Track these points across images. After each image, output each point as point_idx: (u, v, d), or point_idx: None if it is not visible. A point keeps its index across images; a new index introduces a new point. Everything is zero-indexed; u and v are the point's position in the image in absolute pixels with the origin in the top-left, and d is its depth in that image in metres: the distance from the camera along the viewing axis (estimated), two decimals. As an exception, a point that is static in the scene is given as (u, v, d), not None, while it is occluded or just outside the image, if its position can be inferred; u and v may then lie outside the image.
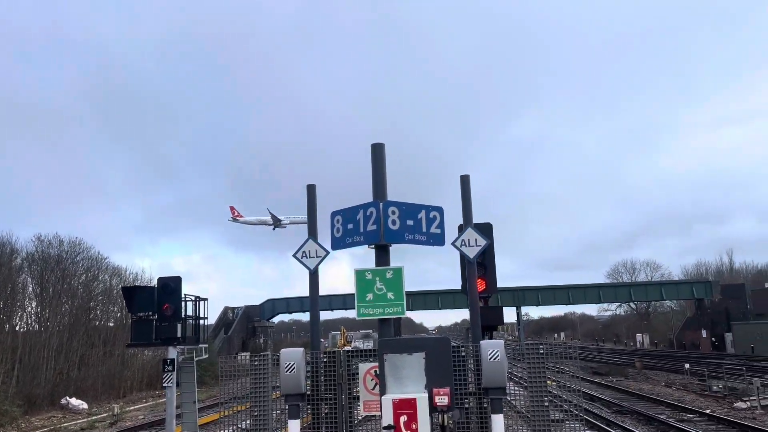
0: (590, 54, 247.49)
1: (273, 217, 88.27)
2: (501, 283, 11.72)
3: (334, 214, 7.91)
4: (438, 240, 7.54)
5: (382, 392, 6.23)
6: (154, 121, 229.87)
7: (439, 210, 7.54)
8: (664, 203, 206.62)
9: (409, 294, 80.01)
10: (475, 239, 8.63)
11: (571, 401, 10.53)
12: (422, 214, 7.39)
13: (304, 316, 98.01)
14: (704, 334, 74.76)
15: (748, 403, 24.48)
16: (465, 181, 8.72)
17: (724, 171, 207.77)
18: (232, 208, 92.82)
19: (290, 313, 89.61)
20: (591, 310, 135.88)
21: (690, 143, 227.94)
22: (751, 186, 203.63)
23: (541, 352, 7.83)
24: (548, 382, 14.35)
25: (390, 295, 7.12)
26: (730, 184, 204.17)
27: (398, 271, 7.25)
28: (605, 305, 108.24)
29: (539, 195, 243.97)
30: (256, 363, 8.13)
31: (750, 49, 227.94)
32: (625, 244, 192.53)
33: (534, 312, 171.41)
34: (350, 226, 7.47)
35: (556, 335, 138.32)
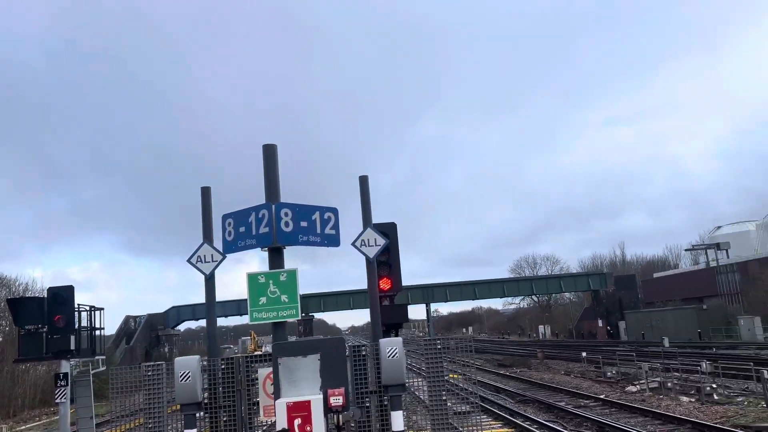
0: (488, 55, 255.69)
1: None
2: (411, 280, 11.93)
3: (225, 217, 7.70)
4: (333, 241, 7.52)
5: (277, 396, 6.16)
6: (41, 122, 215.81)
7: (334, 211, 7.53)
8: (562, 200, 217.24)
9: (322, 295, 79.71)
10: (375, 239, 8.70)
11: (472, 393, 10.85)
12: (316, 216, 7.35)
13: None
14: (600, 323, 79.28)
15: (638, 386, 26.14)
16: (363, 182, 8.78)
17: (617, 168, 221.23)
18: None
19: (197, 319, 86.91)
20: (497, 304, 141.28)
21: (585, 142, 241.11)
22: (642, 182, 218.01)
23: (438, 347, 7.99)
24: (453, 376, 14.73)
25: (284, 298, 7.03)
26: (622, 181, 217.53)
27: (292, 274, 7.18)
28: (509, 299, 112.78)
29: (446, 193, 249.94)
30: (149, 374, 7.81)
31: (639, 52, 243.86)
32: (527, 240, 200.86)
33: (443, 308, 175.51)
34: (242, 229, 7.31)
35: (464, 330, 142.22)
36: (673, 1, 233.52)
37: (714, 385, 22.80)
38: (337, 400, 5.91)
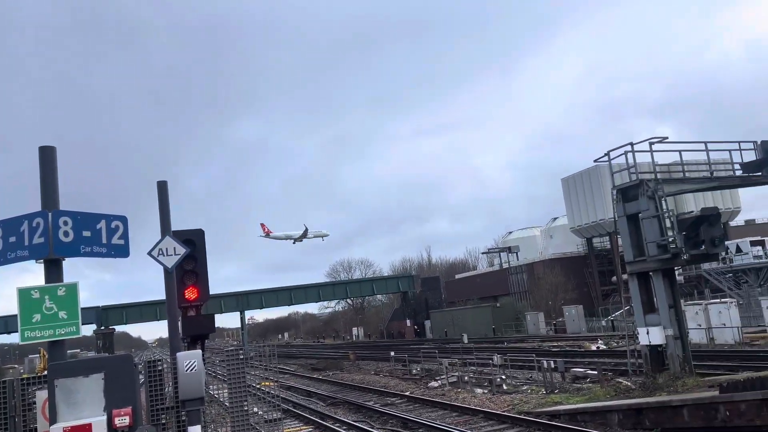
0: (307, 62, 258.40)
1: (306, 231, 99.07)
2: (225, 288, 11.54)
3: (-8, 226, 6.81)
4: (121, 251, 7.02)
5: (53, 421, 5.62)
6: None
7: (123, 219, 7.03)
8: (376, 205, 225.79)
9: (124, 306, 73.72)
10: (174, 248, 8.32)
11: (276, 398, 10.78)
12: (102, 224, 6.82)
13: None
14: (408, 323, 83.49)
15: (439, 381, 27.91)
16: (162, 187, 8.36)
17: (425, 176, 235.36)
18: (262, 225, 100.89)
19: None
20: (313, 308, 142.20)
21: (397, 151, 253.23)
22: (447, 190, 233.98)
23: (242, 357, 7.86)
24: (265, 383, 14.52)
25: (62, 314, 6.41)
26: (430, 188, 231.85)
27: (73, 288, 6.57)
28: (325, 303, 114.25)
29: (262, 197, 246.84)
30: None
31: (446, 69, 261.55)
32: (343, 245, 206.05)
33: (259, 315, 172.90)
34: (12, 239, 6.52)
35: (280, 336, 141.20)
36: (475, 25, 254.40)
37: (504, 377, 25.10)
38: (123, 421, 5.54)
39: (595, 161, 22.72)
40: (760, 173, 21.35)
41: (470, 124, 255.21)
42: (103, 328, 73.29)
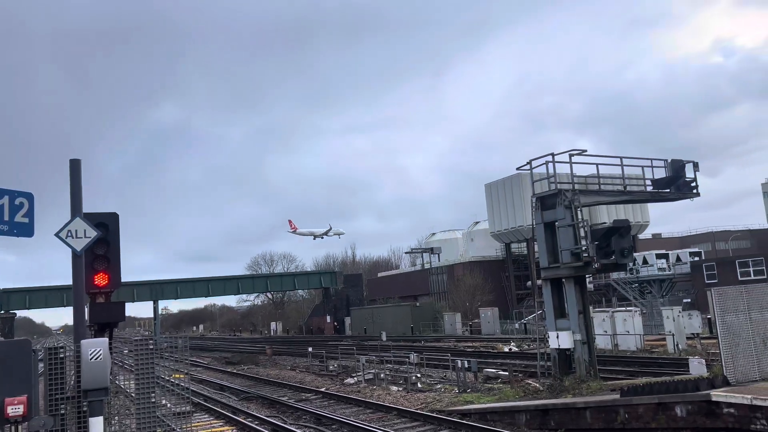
0: (235, 49, 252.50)
1: (330, 228, 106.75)
2: (139, 276, 11.09)
3: None
4: (25, 230, 6.60)
5: (-68, 411, 5.23)
6: None
7: (28, 196, 6.62)
8: (302, 200, 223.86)
9: (27, 290, 69.75)
10: (85, 230, 7.92)
11: (188, 391, 10.48)
12: (4, 201, 6.39)
13: None
14: (328, 319, 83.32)
15: (355, 378, 27.98)
16: (75, 166, 7.94)
17: (353, 173, 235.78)
18: (290, 222, 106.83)
19: None
20: (231, 301, 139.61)
21: (325, 146, 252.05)
22: (374, 188, 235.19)
23: (151, 347, 7.58)
24: (177, 376, 14.08)
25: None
26: (357, 186, 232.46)
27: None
28: (244, 296, 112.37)
29: (183, 185, 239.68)
30: None
31: (377, 67, 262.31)
32: (265, 237, 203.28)
33: (174, 305, 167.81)
34: None
35: (194, 327, 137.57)
36: (409, 26, 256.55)
37: (419, 375, 25.46)
38: (16, 410, 5.22)
39: (517, 169, 23.40)
40: (668, 190, 22.62)
41: (399, 125, 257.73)
42: (2, 312, 69.04)
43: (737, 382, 13.13)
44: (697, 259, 62.40)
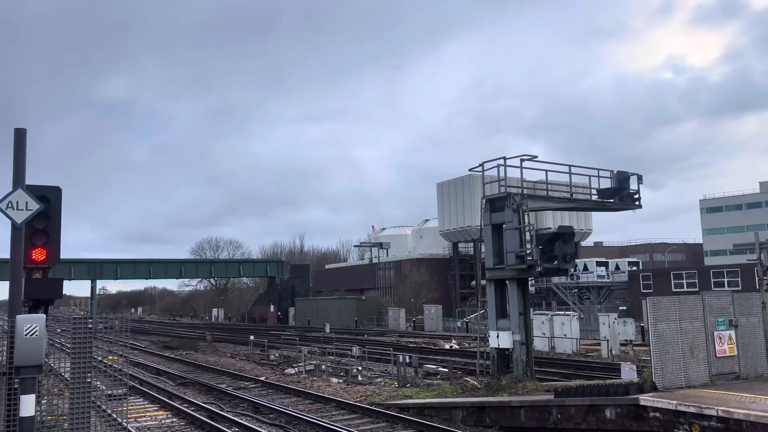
0: (188, 26, 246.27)
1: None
2: (77, 253, 10.75)
3: None
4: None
5: None
6: None
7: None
8: (251, 186, 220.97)
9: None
10: (27, 202, 7.67)
11: (125, 374, 10.27)
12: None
13: None
14: (272, 308, 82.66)
15: (296, 368, 27.92)
16: (20, 135, 7.67)
17: (304, 163, 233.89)
18: (373, 227, 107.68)
19: None
20: (172, 285, 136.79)
21: (278, 133, 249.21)
22: (326, 179, 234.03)
23: (90, 326, 7.41)
24: (111, 358, 13.74)
25: None
26: (308, 175, 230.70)
27: None
28: (187, 280, 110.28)
29: (128, 163, 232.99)
30: None
31: (333, 56, 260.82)
32: (211, 222, 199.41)
33: (113, 285, 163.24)
34: None
35: (133, 310, 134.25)
36: (371, 19, 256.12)
37: (360, 368, 25.59)
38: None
39: (470, 170, 23.74)
40: (612, 200, 23.37)
41: (355, 117, 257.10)
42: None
43: (665, 388, 13.73)
44: (634, 268, 64.67)
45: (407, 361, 23.73)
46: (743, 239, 19.58)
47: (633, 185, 23.31)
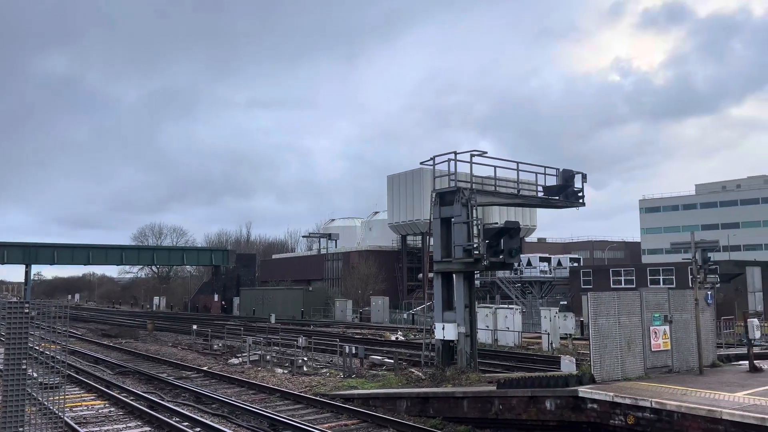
0: (136, 4, 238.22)
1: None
2: (9, 236, 10.22)
3: None
4: None
5: None
6: None
7: None
8: (197, 172, 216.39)
9: None
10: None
11: (54, 363, 9.90)
12: None
13: None
14: (216, 298, 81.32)
15: (240, 359, 27.57)
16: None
17: (255, 150, 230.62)
18: None
19: None
20: (112, 271, 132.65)
21: (227, 119, 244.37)
22: (275, 167, 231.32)
23: (27, 311, 7.10)
24: (47, 345, 13.23)
25: None
26: (258, 163, 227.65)
27: None
28: (127, 267, 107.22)
29: (67, 143, 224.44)
30: None
31: (287, 41, 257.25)
32: (155, 208, 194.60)
33: (49, 271, 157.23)
34: None
35: (70, 296, 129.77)
36: (325, 5, 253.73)
37: (305, 359, 25.47)
38: None
39: (421, 164, 23.89)
40: (557, 198, 23.93)
41: (307, 106, 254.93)
42: None
43: (602, 381, 14.19)
44: (576, 264, 66.51)
45: (353, 352, 23.77)
46: (679, 239, 20.37)
47: (577, 183, 23.91)
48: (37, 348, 12.22)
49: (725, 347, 24.88)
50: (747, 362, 16.89)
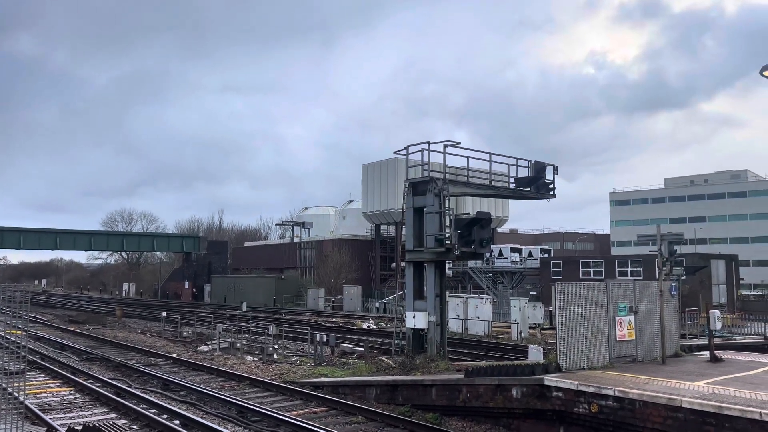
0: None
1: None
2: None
3: None
4: None
5: None
6: None
7: None
8: (167, 157, 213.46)
9: None
10: None
11: (16, 348, 9.76)
12: None
13: None
14: (187, 285, 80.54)
15: (210, 346, 27.40)
16: None
17: (227, 136, 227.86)
18: None
19: None
20: (80, 257, 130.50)
21: (199, 103, 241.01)
22: (248, 154, 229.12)
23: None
24: (12, 331, 13.02)
25: None
26: (230, 149, 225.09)
27: None
28: (96, 253, 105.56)
29: (32, 125, 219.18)
30: None
31: (260, 24, 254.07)
32: (124, 193, 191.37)
33: (15, 256, 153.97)
34: None
35: (36, 282, 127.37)
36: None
37: (276, 346, 25.43)
38: None
39: (395, 153, 23.90)
40: (529, 189, 24.17)
41: (282, 92, 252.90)
42: None
43: (568, 369, 14.43)
44: (546, 256, 67.31)
45: (324, 340, 23.79)
46: (647, 231, 20.76)
47: (549, 175, 24.17)
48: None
49: (689, 338, 25.47)
50: (708, 352, 17.32)
